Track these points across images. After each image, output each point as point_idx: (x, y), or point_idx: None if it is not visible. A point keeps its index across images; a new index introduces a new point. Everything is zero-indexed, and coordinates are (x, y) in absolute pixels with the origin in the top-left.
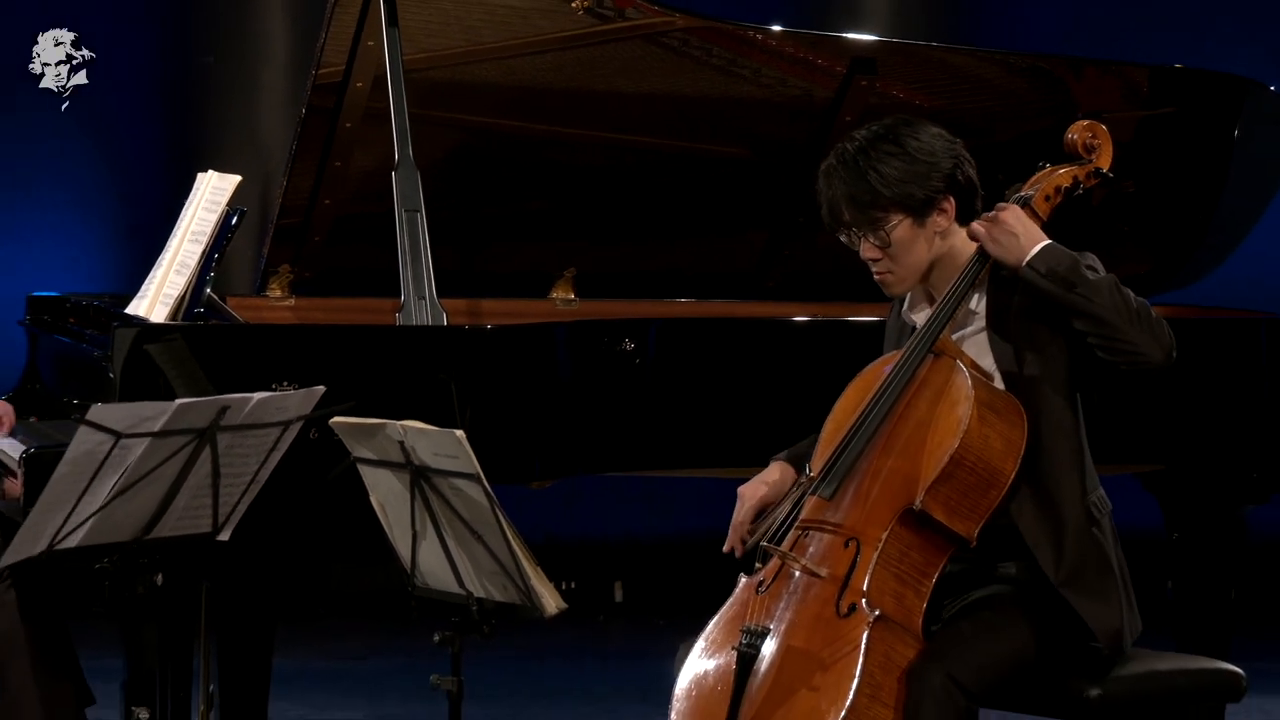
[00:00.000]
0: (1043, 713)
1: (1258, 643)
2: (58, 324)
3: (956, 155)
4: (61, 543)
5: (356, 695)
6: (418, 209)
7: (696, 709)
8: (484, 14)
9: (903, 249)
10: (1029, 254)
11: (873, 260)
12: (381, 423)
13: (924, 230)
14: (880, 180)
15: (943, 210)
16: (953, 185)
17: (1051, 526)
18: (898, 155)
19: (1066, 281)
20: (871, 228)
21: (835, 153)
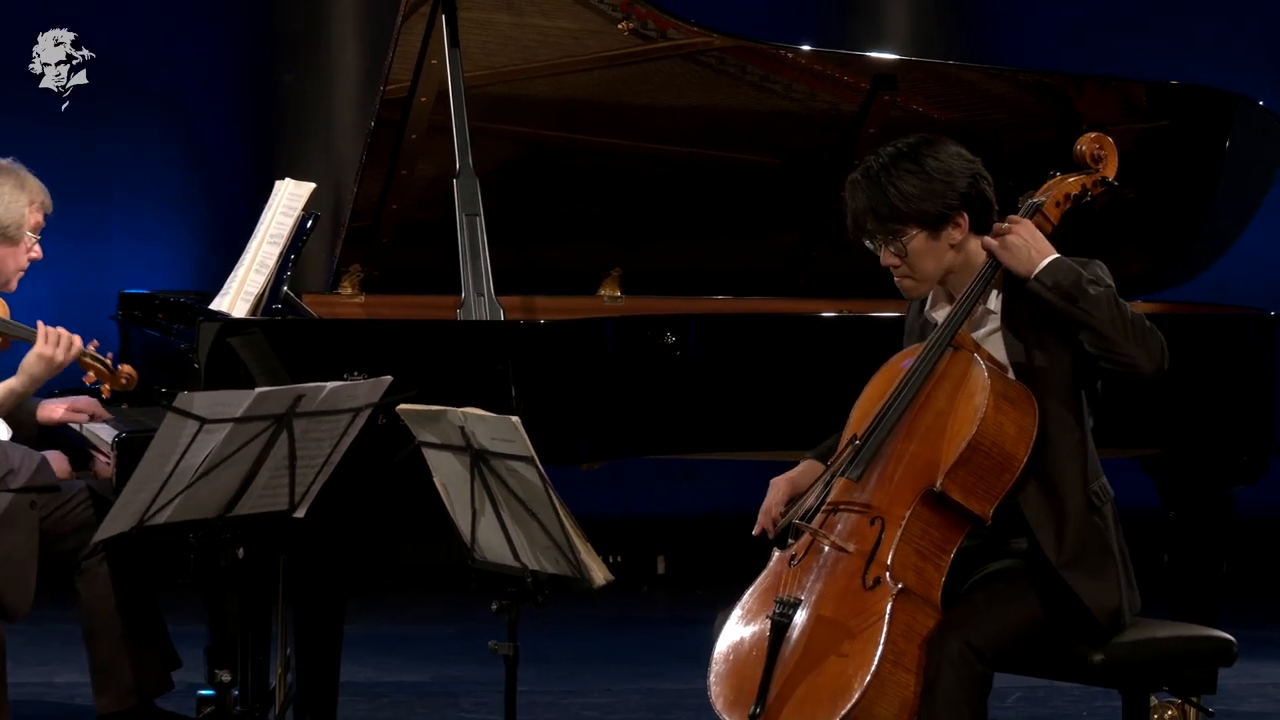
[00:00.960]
0: (1051, 676)
1: (1247, 612)
2: (147, 319)
3: (973, 173)
4: (151, 519)
5: (421, 660)
6: (477, 213)
7: (734, 671)
8: (538, 35)
9: (918, 258)
10: (1038, 266)
11: (893, 266)
12: (444, 409)
13: (939, 242)
14: (899, 196)
15: (957, 224)
16: (967, 202)
17: (1053, 513)
18: (916, 174)
19: (1070, 296)
20: (890, 238)
21: (860, 168)
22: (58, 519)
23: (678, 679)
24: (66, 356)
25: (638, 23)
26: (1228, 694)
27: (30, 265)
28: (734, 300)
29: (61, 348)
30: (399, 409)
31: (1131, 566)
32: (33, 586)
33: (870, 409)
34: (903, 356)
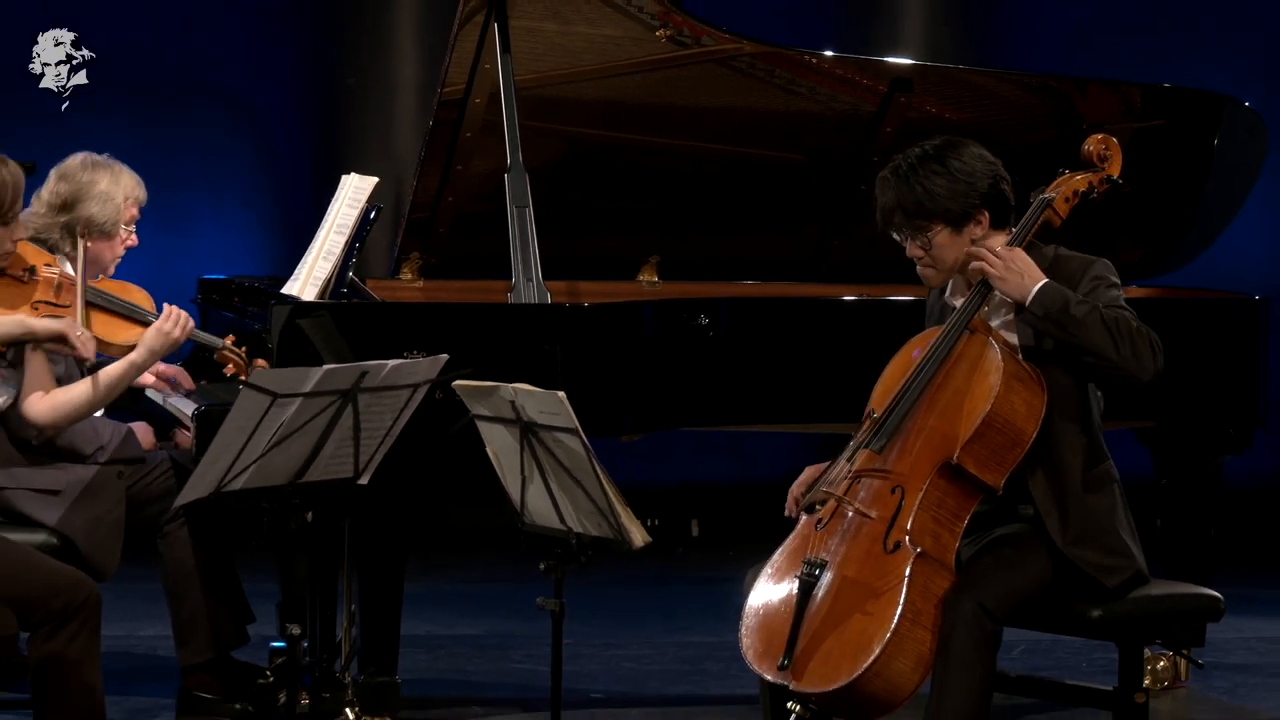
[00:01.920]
0: (1055, 631)
1: (1233, 572)
2: (224, 302)
3: (994, 174)
4: (227, 486)
5: (475, 615)
6: (526, 205)
7: (763, 625)
8: (583, 42)
9: (941, 251)
10: (1030, 294)
11: (917, 258)
12: (496, 385)
13: (961, 237)
14: (925, 195)
15: (978, 221)
16: (988, 201)
17: (1058, 496)
18: (942, 174)
19: (1059, 324)
20: (916, 233)
21: (890, 167)
22: (142, 487)
23: (710, 633)
24: (182, 333)
25: (675, 30)
26: (1215, 647)
27: None
28: (762, 285)
29: (178, 326)
30: (455, 385)
31: (1135, 540)
32: (120, 549)
33: (892, 386)
34: (924, 338)
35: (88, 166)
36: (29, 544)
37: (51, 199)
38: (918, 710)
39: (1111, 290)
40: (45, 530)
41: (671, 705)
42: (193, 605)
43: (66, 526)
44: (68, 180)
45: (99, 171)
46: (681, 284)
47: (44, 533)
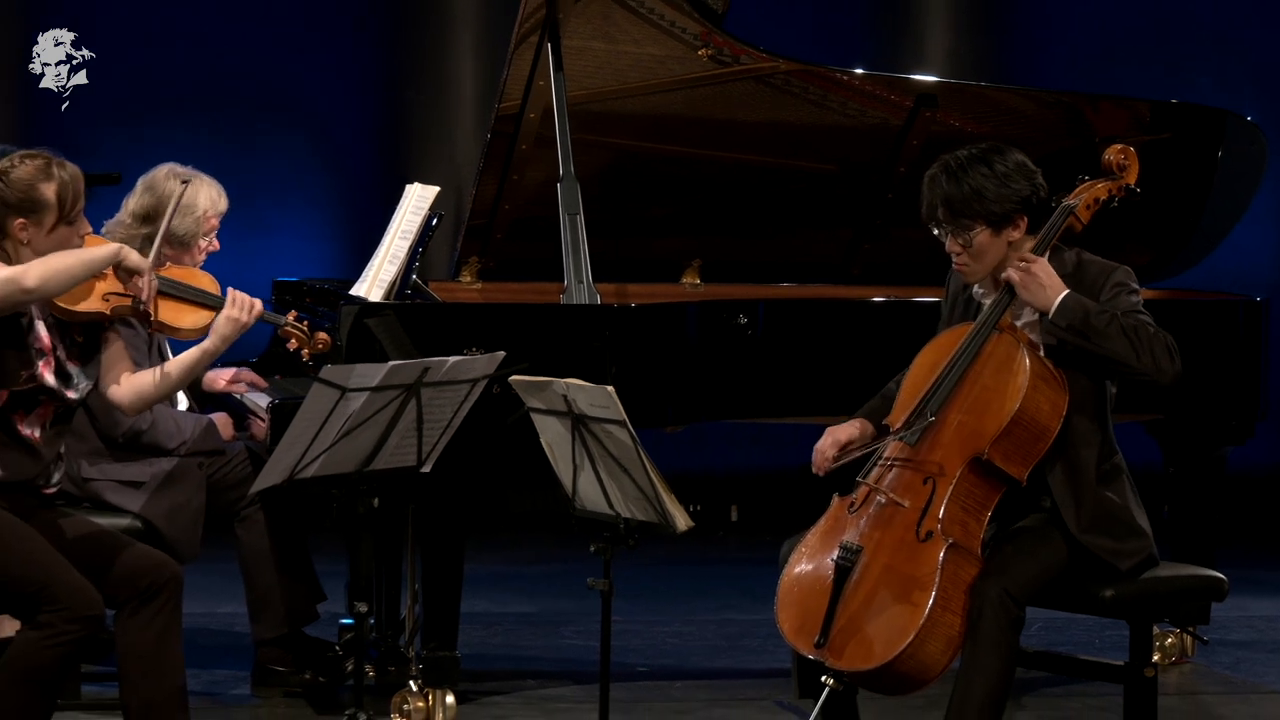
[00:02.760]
0: (1070, 610)
1: (1236, 554)
2: (297, 302)
3: (1034, 183)
4: (299, 474)
5: (529, 594)
6: (577, 212)
7: (797, 602)
8: (630, 61)
9: (980, 250)
10: (1053, 305)
11: (955, 254)
12: (549, 380)
13: (999, 239)
14: (972, 195)
15: (1016, 225)
16: (1027, 206)
17: (1074, 488)
18: (988, 177)
19: (1081, 334)
20: (958, 230)
21: (940, 165)
22: (221, 475)
23: (748, 611)
24: (250, 318)
25: (715, 50)
26: (1219, 624)
27: None
28: (797, 287)
29: (246, 310)
30: (511, 380)
31: (1146, 525)
32: (200, 534)
33: (923, 381)
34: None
35: (171, 178)
36: (116, 528)
37: (136, 209)
38: (945, 684)
39: (1132, 296)
40: (130, 515)
41: (712, 678)
42: (267, 584)
43: (150, 513)
44: (152, 192)
45: (182, 184)
46: (722, 286)
47: (129, 518)
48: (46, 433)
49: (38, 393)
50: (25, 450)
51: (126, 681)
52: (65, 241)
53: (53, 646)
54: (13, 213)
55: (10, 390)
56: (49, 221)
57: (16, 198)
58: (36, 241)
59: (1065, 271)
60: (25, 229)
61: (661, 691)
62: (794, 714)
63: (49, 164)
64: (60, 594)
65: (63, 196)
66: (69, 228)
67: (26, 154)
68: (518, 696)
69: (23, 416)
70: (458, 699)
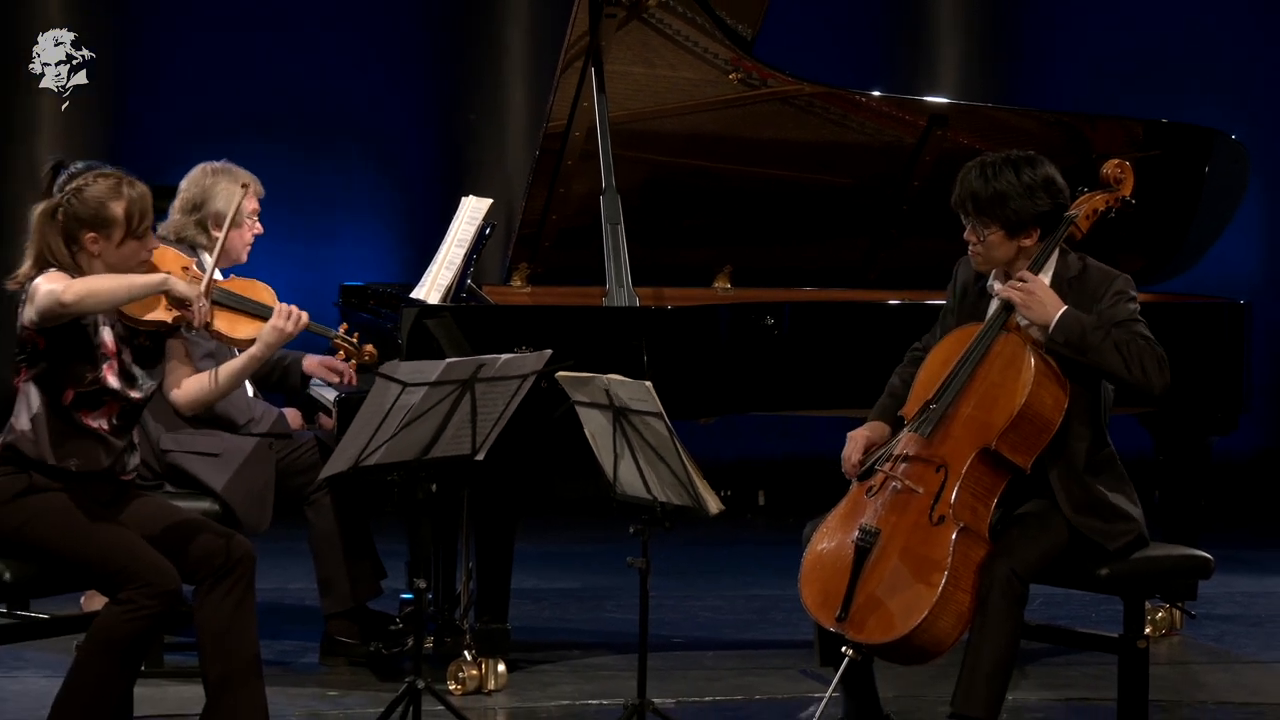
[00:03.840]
0: (1069, 586)
1: (1221, 536)
2: (361, 305)
3: (1057, 201)
4: (364, 461)
5: (574, 571)
6: (618, 222)
7: (819, 578)
8: (667, 84)
9: (992, 248)
10: (1052, 321)
11: (971, 243)
12: (592, 376)
13: (1012, 242)
14: (996, 198)
15: (1029, 234)
16: (1042, 219)
17: (1065, 477)
18: (1014, 185)
19: (1079, 349)
20: (979, 225)
21: (978, 161)
22: (291, 460)
23: (775, 587)
24: (295, 328)
25: (744, 74)
26: (1206, 600)
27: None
28: (820, 290)
29: (291, 321)
30: (558, 375)
31: (1136, 510)
32: (270, 508)
33: (936, 377)
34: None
35: (208, 173)
36: (195, 510)
37: (183, 204)
38: (956, 655)
39: (1130, 304)
40: (209, 498)
41: (741, 649)
42: (334, 562)
43: (222, 484)
44: (194, 186)
45: (218, 174)
46: (751, 289)
47: (207, 499)
48: (114, 425)
49: (101, 393)
50: (96, 441)
51: (205, 653)
52: (133, 255)
53: (133, 620)
54: (85, 227)
55: (76, 390)
56: (118, 236)
57: (89, 213)
58: (106, 254)
59: (1070, 275)
60: (96, 242)
61: (695, 660)
62: (816, 681)
63: (119, 183)
64: (141, 573)
65: (130, 213)
66: (137, 242)
67: (100, 173)
68: (563, 665)
69: (88, 413)
70: (508, 667)
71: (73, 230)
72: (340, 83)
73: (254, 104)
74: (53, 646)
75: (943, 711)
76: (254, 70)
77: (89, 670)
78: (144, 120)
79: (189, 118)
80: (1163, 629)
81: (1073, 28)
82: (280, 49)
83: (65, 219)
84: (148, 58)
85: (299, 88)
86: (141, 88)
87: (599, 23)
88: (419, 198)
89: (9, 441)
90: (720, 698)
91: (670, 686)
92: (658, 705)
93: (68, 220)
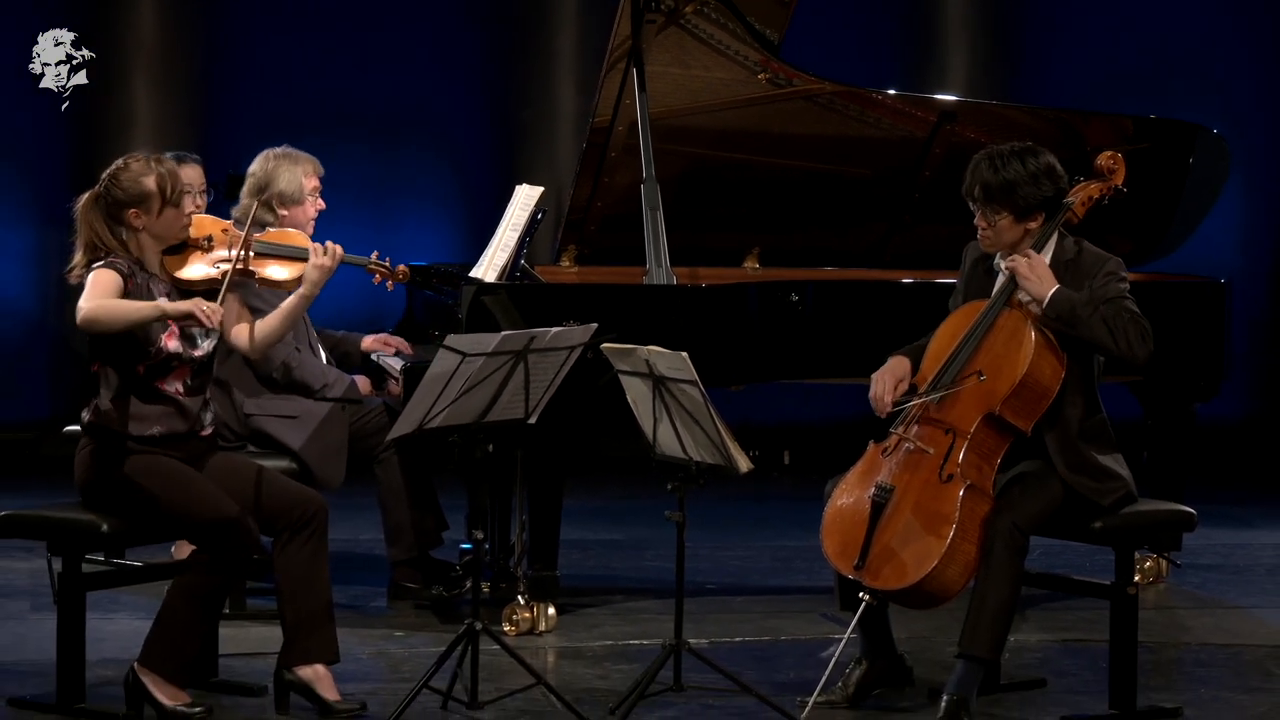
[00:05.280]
0: (1065, 539)
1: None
2: (425, 283)
3: (1059, 187)
4: (428, 424)
5: (617, 524)
6: (658, 208)
7: (839, 530)
8: (702, 83)
9: (1001, 232)
10: (1046, 297)
11: (981, 228)
12: (634, 347)
13: (1019, 226)
14: (1006, 186)
15: (1035, 218)
16: (1045, 205)
17: (1062, 442)
18: (1021, 174)
19: (1069, 323)
20: (988, 211)
21: (987, 153)
22: (362, 424)
23: (798, 539)
24: (334, 261)
25: (772, 74)
26: (1190, 551)
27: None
28: (840, 270)
29: (329, 256)
30: (603, 347)
31: (1125, 471)
32: (343, 465)
33: (945, 347)
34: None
35: (269, 158)
36: (274, 468)
37: (250, 188)
38: (962, 601)
39: (1120, 284)
40: (287, 457)
41: (768, 594)
42: (400, 515)
43: (303, 451)
44: (259, 170)
45: (280, 159)
46: (777, 269)
47: (286, 459)
48: (189, 385)
49: (169, 359)
50: (173, 405)
51: (283, 597)
52: (175, 221)
53: (217, 569)
54: (127, 205)
55: (145, 363)
56: (156, 207)
57: (128, 193)
58: (150, 226)
59: (1066, 258)
60: (139, 217)
61: (726, 605)
62: (836, 624)
63: (148, 161)
64: (225, 526)
65: (163, 185)
66: (174, 210)
67: (130, 157)
68: (607, 609)
69: (162, 380)
70: (558, 610)
71: (115, 211)
72: (407, 84)
73: (328, 102)
74: (145, 591)
75: (951, 652)
76: (329, 72)
77: (177, 613)
78: (228, 117)
79: (268, 115)
80: (1150, 577)
81: (1071, 31)
82: (352, 53)
83: (108, 203)
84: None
85: (369, 88)
86: (225, 88)
87: (640, 28)
88: (477, 186)
89: (95, 419)
90: (749, 638)
91: (704, 628)
92: (692, 645)
93: (110, 203)
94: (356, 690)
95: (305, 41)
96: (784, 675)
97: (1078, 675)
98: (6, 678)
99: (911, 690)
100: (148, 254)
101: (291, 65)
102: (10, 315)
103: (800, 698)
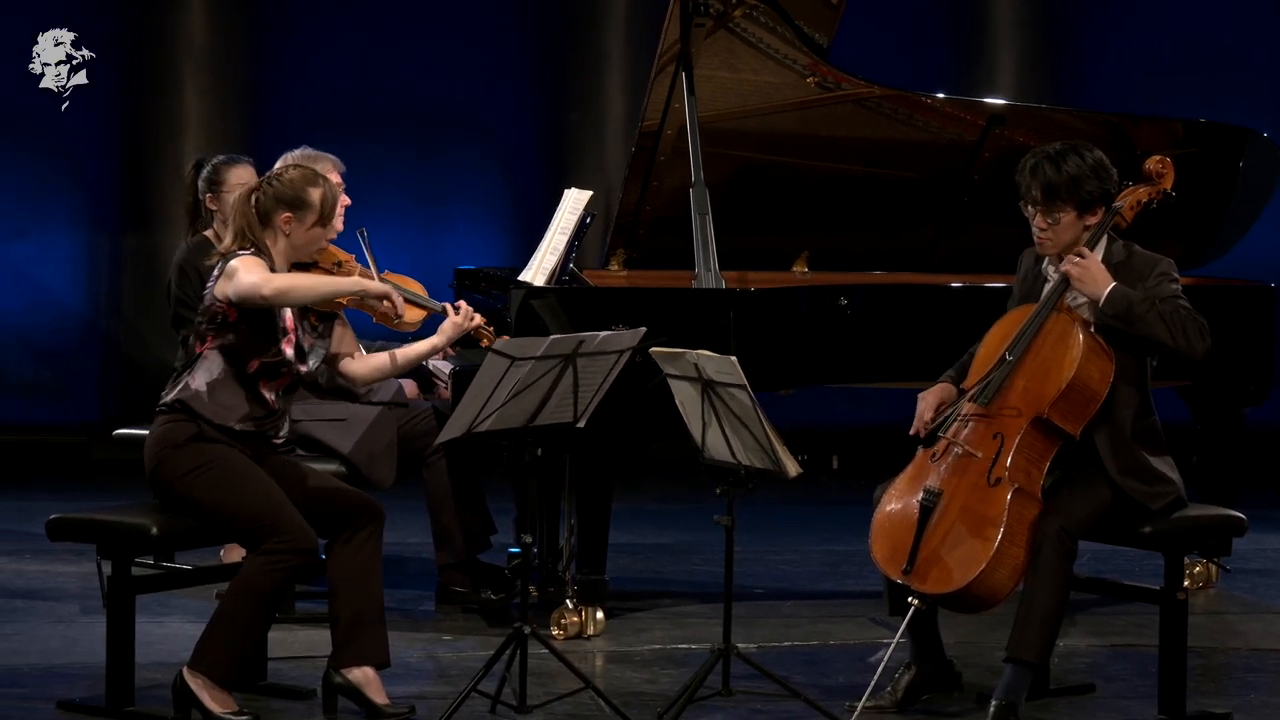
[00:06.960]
0: (1114, 543)
1: (1254, 497)
2: (474, 286)
3: (1113, 180)
4: (476, 428)
5: (666, 528)
6: (706, 212)
7: (887, 535)
8: (751, 87)
9: (1062, 230)
10: (1102, 295)
11: (1040, 229)
12: (683, 351)
13: (1080, 222)
14: (1070, 181)
15: (1095, 213)
16: (1104, 198)
17: (1114, 443)
18: (1082, 167)
19: (1128, 321)
20: (1050, 210)
21: (1039, 154)
22: (411, 427)
23: (847, 543)
24: (471, 325)
25: (821, 78)
26: (1240, 556)
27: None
28: (889, 274)
29: (468, 318)
30: (651, 351)
31: (1175, 474)
32: (394, 465)
33: (994, 351)
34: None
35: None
36: (328, 472)
37: None
38: (1011, 605)
39: (1173, 285)
40: (336, 460)
41: (817, 599)
42: (449, 519)
43: (353, 454)
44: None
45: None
46: (826, 273)
47: (335, 462)
48: (281, 396)
49: (280, 365)
50: (264, 407)
51: (337, 598)
52: (316, 240)
53: (274, 572)
54: (282, 207)
55: (261, 361)
56: (310, 220)
57: (288, 195)
58: (295, 235)
59: (1116, 261)
60: (289, 223)
61: (774, 609)
62: (884, 629)
63: (316, 174)
64: (284, 528)
65: (325, 200)
66: (321, 229)
67: (297, 164)
68: (655, 613)
69: (266, 383)
70: (606, 614)
71: (269, 210)
72: (456, 87)
73: (377, 106)
74: (195, 595)
75: (999, 656)
76: (377, 75)
77: (232, 616)
78: (277, 121)
79: (316, 118)
80: (1200, 582)
81: (1120, 33)
82: (400, 56)
83: (263, 200)
84: (279, 64)
85: (419, 92)
86: (274, 91)
87: (689, 31)
88: (526, 190)
89: (182, 398)
90: (797, 643)
91: (752, 633)
92: (741, 649)
93: (266, 201)
94: (405, 694)
95: (354, 45)
96: (832, 680)
97: (1127, 680)
98: (56, 680)
99: (960, 695)
100: (279, 262)
101: (340, 68)
102: (61, 319)
103: (849, 702)
